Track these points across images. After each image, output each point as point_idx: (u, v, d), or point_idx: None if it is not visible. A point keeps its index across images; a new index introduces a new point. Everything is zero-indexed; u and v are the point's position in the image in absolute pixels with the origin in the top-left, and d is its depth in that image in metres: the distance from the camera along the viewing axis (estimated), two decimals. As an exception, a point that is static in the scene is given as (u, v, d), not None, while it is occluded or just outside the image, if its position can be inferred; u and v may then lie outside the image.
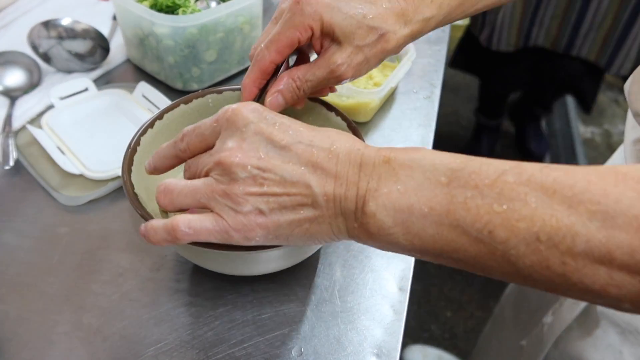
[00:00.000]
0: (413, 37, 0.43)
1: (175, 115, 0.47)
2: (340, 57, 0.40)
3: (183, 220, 0.32)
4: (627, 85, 0.47)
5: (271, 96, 0.41)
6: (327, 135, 0.32)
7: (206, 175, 0.33)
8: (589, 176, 0.25)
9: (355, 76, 0.42)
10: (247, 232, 0.31)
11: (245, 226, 0.31)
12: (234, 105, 0.33)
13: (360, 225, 0.30)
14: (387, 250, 0.31)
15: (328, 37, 0.40)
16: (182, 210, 0.34)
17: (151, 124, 0.45)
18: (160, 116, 0.46)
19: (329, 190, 0.31)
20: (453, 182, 0.28)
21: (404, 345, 1.24)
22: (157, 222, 0.33)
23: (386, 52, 0.42)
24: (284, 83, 0.41)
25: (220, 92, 0.50)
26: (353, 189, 0.30)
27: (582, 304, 0.54)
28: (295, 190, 0.31)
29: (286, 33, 0.40)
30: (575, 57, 1.35)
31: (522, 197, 0.26)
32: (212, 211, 0.32)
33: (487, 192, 0.27)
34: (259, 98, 0.43)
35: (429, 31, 0.44)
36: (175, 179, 0.34)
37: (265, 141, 0.31)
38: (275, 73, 0.42)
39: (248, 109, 0.33)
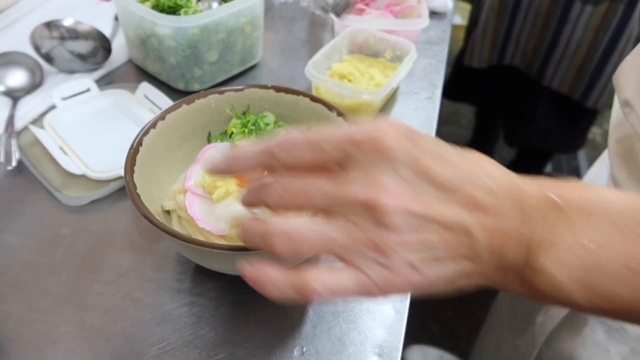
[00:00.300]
0: None
1: (178, 115, 0.48)
2: None
3: (316, 278, 0.25)
4: (616, 76, 0.47)
5: None
6: (480, 166, 0.26)
7: (335, 213, 0.25)
8: None
9: None
10: (395, 290, 0.25)
11: (394, 285, 0.25)
12: (376, 126, 0.25)
13: (521, 279, 0.26)
14: (547, 304, 0.27)
15: None
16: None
17: (153, 125, 0.45)
18: (162, 117, 0.46)
19: (492, 242, 0.25)
20: None
21: (405, 345, 1.24)
22: (278, 275, 0.25)
23: None
24: None
25: (222, 92, 0.50)
26: (516, 239, 0.25)
27: None
28: (454, 240, 0.25)
29: None
30: (546, 87, 1.23)
31: None
32: (347, 263, 0.25)
33: None
34: None
35: None
36: (294, 218, 0.25)
37: (420, 177, 0.25)
38: None
39: (398, 134, 0.25)
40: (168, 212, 0.46)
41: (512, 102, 1.41)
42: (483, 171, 0.26)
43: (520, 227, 0.25)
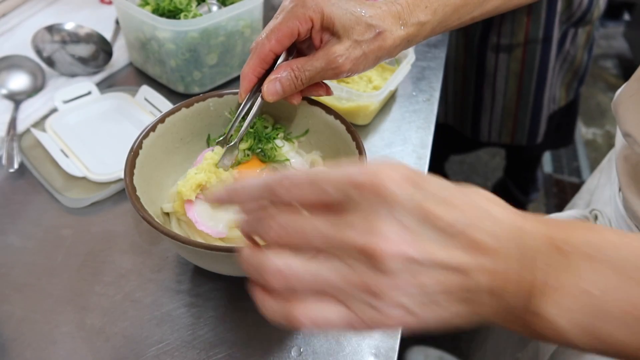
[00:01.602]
0: (409, 40, 0.44)
1: (177, 118, 0.48)
2: (339, 49, 0.41)
3: (303, 312, 0.25)
4: (614, 105, 0.46)
5: (269, 83, 0.42)
6: (484, 208, 0.26)
7: (330, 254, 0.25)
8: None
9: (352, 71, 0.43)
10: (385, 328, 0.25)
11: (383, 324, 0.25)
12: (378, 169, 0.25)
13: (521, 322, 0.26)
14: (544, 342, 0.27)
15: (328, 31, 0.42)
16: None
17: (153, 128, 0.46)
18: (162, 120, 0.47)
19: (492, 284, 0.25)
20: None
21: (406, 347, 1.24)
22: (272, 302, 0.26)
23: (383, 50, 0.43)
24: (283, 71, 0.42)
25: (221, 95, 0.50)
26: (515, 282, 0.25)
27: None
28: (450, 282, 0.25)
29: (287, 23, 0.40)
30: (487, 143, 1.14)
31: None
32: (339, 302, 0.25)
33: None
34: (258, 88, 0.44)
35: (426, 37, 0.45)
36: (290, 256, 0.26)
37: (422, 222, 0.25)
38: (274, 64, 0.43)
39: (401, 178, 0.25)
40: (167, 214, 0.47)
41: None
42: (487, 213, 0.26)
43: (522, 271, 0.25)
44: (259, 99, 0.45)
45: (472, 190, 0.27)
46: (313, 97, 0.49)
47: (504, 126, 1.06)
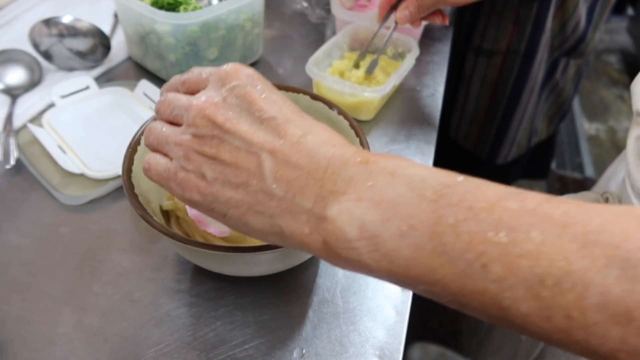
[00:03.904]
0: None
1: (176, 114, 0.47)
2: None
3: (149, 157, 0.32)
4: (633, 85, 0.47)
5: (401, 11, 0.59)
6: (308, 123, 0.29)
7: (179, 118, 0.31)
8: (605, 213, 0.21)
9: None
10: (185, 190, 0.30)
11: (184, 183, 0.29)
12: (232, 64, 0.31)
13: (314, 232, 0.26)
14: (347, 269, 0.26)
15: None
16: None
17: (152, 124, 0.45)
18: (160, 115, 0.46)
19: (282, 177, 0.27)
20: (443, 199, 0.23)
21: (407, 344, 1.24)
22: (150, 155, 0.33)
23: None
24: (410, 3, 0.58)
25: (221, 90, 0.49)
26: (314, 185, 0.26)
27: None
28: (245, 165, 0.27)
29: None
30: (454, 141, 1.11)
31: (526, 228, 0.21)
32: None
33: (483, 217, 0.22)
34: (388, 14, 0.62)
35: None
36: (161, 122, 0.33)
37: (242, 105, 0.29)
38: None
39: (244, 72, 0.30)
40: (167, 212, 0.46)
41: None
42: (305, 124, 0.29)
43: (320, 176, 0.26)
44: (394, 22, 0.61)
45: (312, 118, 0.30)
46: (315, 92, 0.48)
47: (470, 131, 1.04)
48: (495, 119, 0.98)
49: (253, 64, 0.72)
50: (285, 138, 0.27)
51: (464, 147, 1.08)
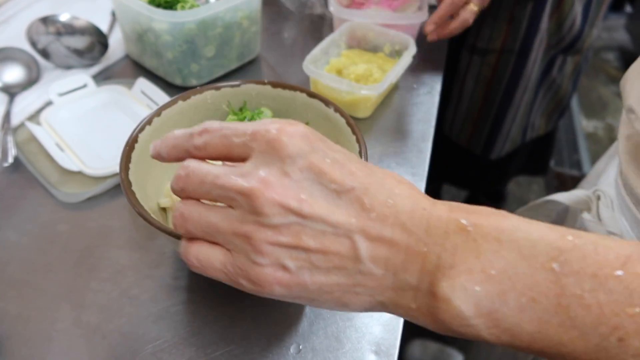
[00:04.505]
0: None
1: (173, 112, 0.47)
2: None
3: (194, 253, 0.27)
4: (622, 81, 0.47)
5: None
6: (385, 183, 0.25)
7: (224, 201, 0.26)
8: None
9: None
10: (263, 286, 0.25)
11: (261, 279, 0.25)
12: (278, 125, 0.25)
13: (423, 308, 0.24)
14: (456, 336, 0.24)
15: None
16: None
17: (149, 121, 0.45)
18: (158, 113, 0.46)
19: (379, 256, 0.24)
20: (562, 267, 0.22)
21: (404, 340, 1.24)
22: (182, 244, 0.28)
23: None
24: None
25: (218, 88, 0.49)
26: (415, 259, 0.24)
27: None
28: (335, 248, 0.24)
29: None
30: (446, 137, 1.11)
31: None
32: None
33: (612, 286, 0.21)
34: None
35: None
36: (194, 203, 0.27)
37: (312, 180, 0.25)
38: None
39: (297, 135, 0.25)
40: (164, 209, 0.46)
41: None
42: (383, 184, 0.25)
43: (422, 249, 0.24)
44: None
45: (376, 167, 0.27)
46: (313, 90, 0.48)
47: (464, 127, 1.04)
48: (489, 116, 0.99)
49: (251, 62, 0.72)
50: (371, 212, 0.24)
51: (457, 143, 1.08)
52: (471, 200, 1.48)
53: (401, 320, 0.43)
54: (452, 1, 0.66)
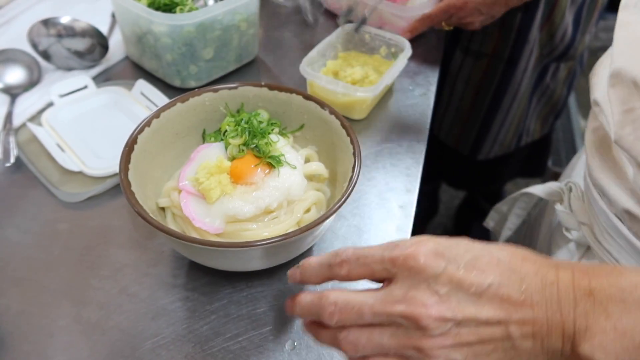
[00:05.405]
0: None
1: (172, 113, 0.48)
2: None
3: None
4: (590, 76, 0.49)
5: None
6: (513, 268, 0.30)
7: (385, 323, 0.30)
8: None
9: None
10: None
11: None
12: (412, 249, 0.30)
13: None
14: None
15: None
16: None
17: (148, 123, 0.46)
18: (157, 115, 0.47)
19: (527, 333, 0.29)
20: None
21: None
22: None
23: None
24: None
25: (216, 90, 0.50)
26: (556, 328, 0.29)
27: None
28: (490, 337, 0.29)
29: None
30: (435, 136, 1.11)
31: None
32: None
33: None
34: None
35: None
36: (357, 330, 0.31)
37: (455, 289, 0.29)
38: None
39: (431, 255, 0.30)
40: (163, 209, 0.47)
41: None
42: (513, 272, 0.30)
43: (559, 320, 0.29)
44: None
45: (498, 248, 0.31)
46: (309, 92, 0.49)
47: (453, 128, 1.06)
48: (478, 119, 1.00)
49: (249, 64, 0.73)
50: (510, 301, 0.29)
51: (445, 143, 1.10)
52: (469, 200, 1.49)
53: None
54: (430, 22, 0.72)
